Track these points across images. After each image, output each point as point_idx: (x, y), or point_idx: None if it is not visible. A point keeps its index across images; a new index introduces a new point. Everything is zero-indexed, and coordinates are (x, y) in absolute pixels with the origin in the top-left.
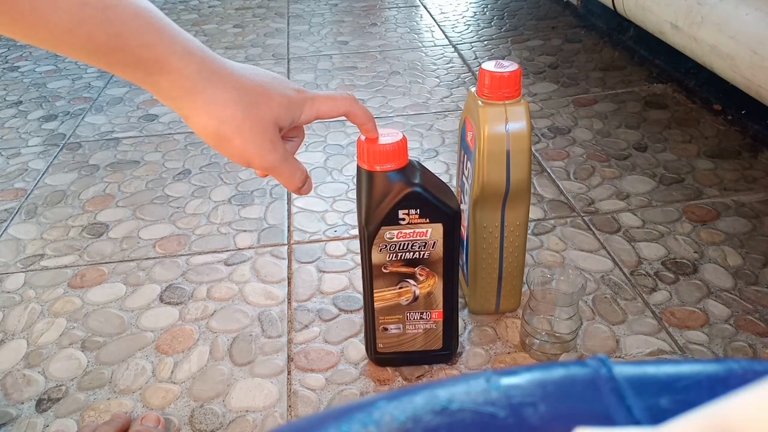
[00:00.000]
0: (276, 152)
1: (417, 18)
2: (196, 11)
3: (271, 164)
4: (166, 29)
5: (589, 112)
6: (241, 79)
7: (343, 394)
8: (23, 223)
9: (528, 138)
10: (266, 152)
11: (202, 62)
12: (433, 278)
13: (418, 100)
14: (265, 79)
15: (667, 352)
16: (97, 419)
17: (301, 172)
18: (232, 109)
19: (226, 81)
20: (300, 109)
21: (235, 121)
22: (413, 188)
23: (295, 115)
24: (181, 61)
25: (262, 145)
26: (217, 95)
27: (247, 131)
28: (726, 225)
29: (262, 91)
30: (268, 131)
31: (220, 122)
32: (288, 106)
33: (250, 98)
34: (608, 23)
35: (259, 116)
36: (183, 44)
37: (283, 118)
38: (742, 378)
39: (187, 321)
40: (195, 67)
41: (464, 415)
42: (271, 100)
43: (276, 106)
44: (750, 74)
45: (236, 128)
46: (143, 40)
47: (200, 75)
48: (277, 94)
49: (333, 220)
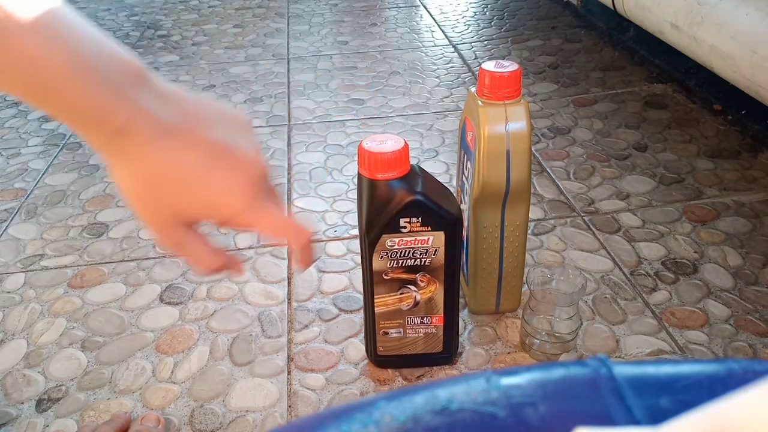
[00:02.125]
0: (169, 239)
1: (417, 18)
2: (196, 11)
3: (165, 246)
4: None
5: (589, 112)
6: (162, 161)
7: (343, 394)
8: (23, 223)
9: (528, 138)
10: (162, 233)
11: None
12: (434, 284)
13: (418, 100)
14: (200, 166)
15: (667, 352)
16: (97, 419)
17: (206, 261)
18: (131, 185)
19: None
20: (227, 217)
21: (133, 194)
22: (415, 197)
23: (217, 219)
24: (98, 126)
25: (156, 228)
26: (122, 167)
27: (140, 209)
28: (726, 225)
29: (178, 181)
30: (162, 219)
31: (122, 185)
32: (206, 209)
33: (155, 186)
34: (608, 23)
35: (154, 203)
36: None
37: (192, 215)
38: (742, 378)
39: (187, 321)
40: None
41: (464, 415)
42: (184, 195)
43: (185, 203)
44: (750, 74)
45: (135, 199)
46: (63, 97)
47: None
48: (201, 192)
49: (333, 220)
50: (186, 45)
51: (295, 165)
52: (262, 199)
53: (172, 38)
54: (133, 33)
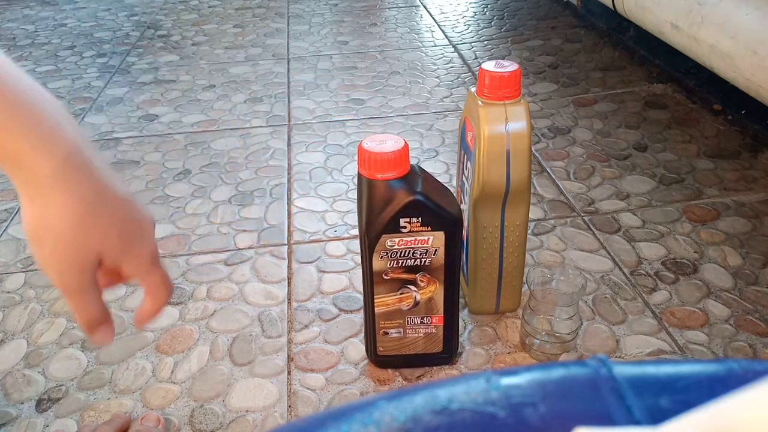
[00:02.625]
0: (78, 279)
1: (417, 18)
2: (196, 11)
3: (65, 287)
4: (32, 118)
5: (589, 112)
6: (97, 200)
7: (343, 394)
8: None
9: (528, 138)
10: (69, 274)
11: (62, 165)
12: (434, 284)
13: (418, 100)
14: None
15: (667, 352)
16: (97, 419)
17: (95, 310)
18: (63, 220)
19: (79, 194)
20: (134, 262)
21: (57, 232)
22: (415, 197)
23: (125, 263)
24: (39, 158)
25: (70, 267)
26: (58, 201)
27: (63, 246)
28: (726, 225)
29: (107, 222)
30: (85, 256)
31: (44, 226)
32: (122, 252)
33: (89, 221)
34: (608, 23)
35: (86, 241)
36: (47, 139)
37: (110, 255)
38: (742, 378)
39: (187, 321)
40: (50, 169)
41: (464, 415)
42: (110, 235)
43: (110, 243)
44: (750, 74)
45: (54, 239)
46: (1, 128)
47: (52, 177)
48: (121, 236)
49: (333, 220)
50: (186, 45)
51: (295, 165)
52: (158, 260)
53: (172, 38)
54: (133, 33)
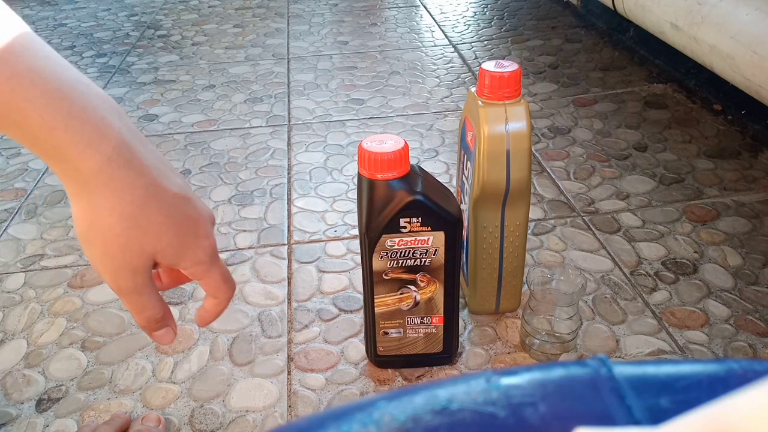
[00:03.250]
0: (131, 280)
1: (417, 18)
2: (196, 11)
3: (118, 289)
4: (78, 114)
5: (589, 112)
6: (148, 198)
7: (343, 394)
8: (23, 223)
9: (528, 138)
10: (121, 276)
11: (109, 162)
12: (434, 284)
13: (418, 100)
14: (176, 210)
15: (667, 352)
16: (97, 419)
17: (153, 310)
18: (114, 220)
19: (130, 191)
20: (191, 263)
21: (108, 232)
22: (415, 197)
23: (182, 263)
24: (83, 154)
25: (121, 267)
26: (105, 201)
27: (115, 247)
28: (726, 225)
29: (160, 222)
30: (138, 258)
31: (92, 225)
32: (178, 253)
33: (141, 220)
34: (608, 23)
35: (138, 241)
36: (92, 135)
37: (166, 257)
38: (742, 378)
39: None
40: (95, 165)
41: (464, 415)
42: (164, 235)
43: (165, 243)
44: (750, 74)
45: (104, 239)
46: (44, 122)
47: (99, 174)
48: (177, 235)
49: (333, 220)
50: (186, 45)
51: (295, 165)
52: (216, 255)
53: (172, 38)
54: (133, 33)
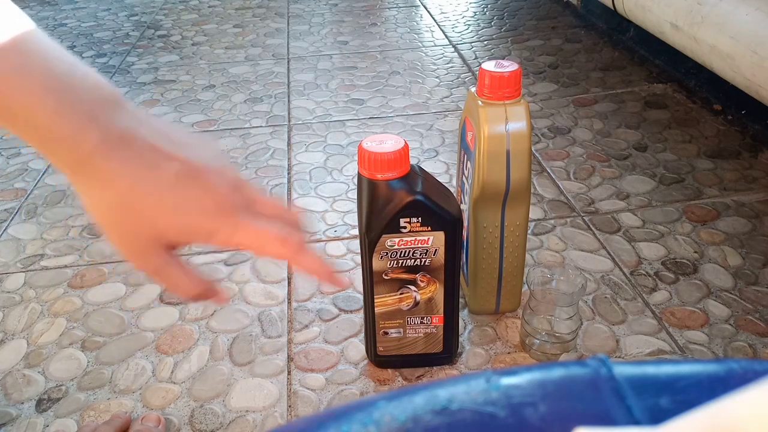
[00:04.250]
0: (146, 264)
1: (417, 18)
2: (196, 11)
3: (143, 271)
4: (67, 95)
5: (589, 112)
6: (136, 184)
7: (343, 394)
8: (23, 223)
9: (528, 138)
10: (136, 260)
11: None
12: (434, 284)
13: (418, 100)
14: (175, 189)
15: (667, 352)
16: (97, 419)
17: (188, 284)
18: (104, 210)
19: (115, 176)
20: (205, 237)
21: (106, 219)
22: (415, 197)
23: (196, 240)
24: (69, 147)
25: (133, 252)
26: (93, 191)
27: (117, 234)
28: (726, 225)
29: (152, 204)
30: (140, 242)
31: (94, 211)
32: (184, 231)
33: (132, 205)
34: (608, 23)
35: (132, 227)
36: (84, 116)
37: (171, 237)
38: (742, 378)
39: (187, 321)
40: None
41: (464, 415)
42: (161, 217)
43: (163, 225)
44: (750, 74)
45: (108, 225)
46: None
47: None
48: (175, 214)
49: (333, 220)
50: (186, 45)
51: (295, 165)
52: (240, 215)
53: (172, 38)
54: (133, 33)
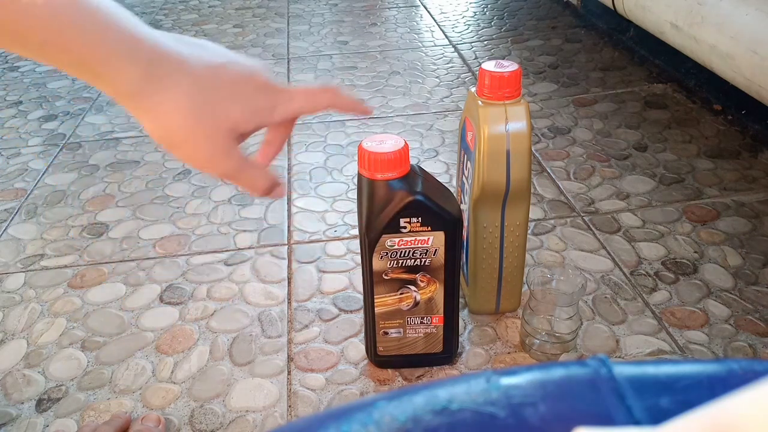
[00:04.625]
0: (230, 161)
1: (417, 18)
2: (196, 11)
3: (224, 173)
4: (111, 27)
5: (589, 112)
6: (198, 82)
7: (343, 394)
8: (23, 223)
9: (528, 138)
10: (218, 161)
11: (149, 64)
12: (434, 284)
13: (418, 100)
14: (228, 77)
15: (667, 352)
16: (97, 419)
17: (263, 179)
18: (180, 116)
19: (178, 85)
20: (270, 114)
21: (183, 129)
22: (415, 197)
23: (263, 120)
24: (125, 63)
25: (214, 154)
26: (163, 102)
27: (197, 140)
28: (726, 225)
29: (221, 96)
30: (222, 140)
31: (166, 130)
32: (253, 112)
33: (203, 105)
34: (608, 23)
35: (213, 124)
36: (129, 44)
37: (244, 124)
38: (742, 378)
39: (187, 321)
40: (140, 71)
41: (464, 415)
42: (231, 105)
43: (236, 112)
44: (750, 74)
45: (184, 137)
46: (85, 39)
47: (146, 79)
48: (241, 98)
49: (333, 220)
50: None
51: (295, 165)
52: (280, 83)
53: None
54: None
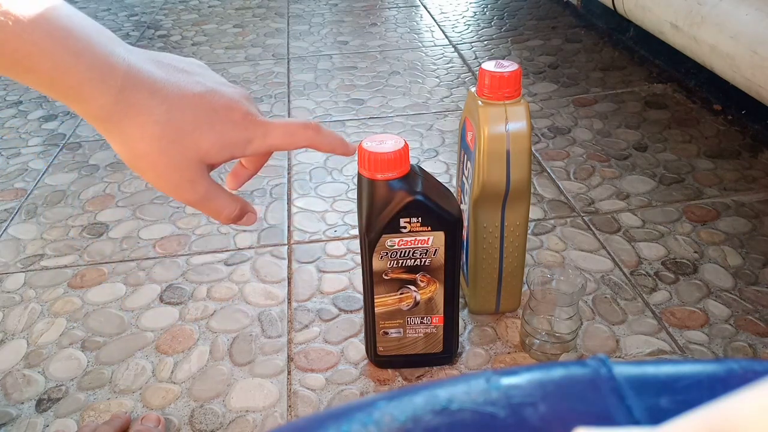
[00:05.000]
0: (194, 192)
1: (417, 18)
2: (196, 11)
3: (188, 202)
4: (83, 53)
5: (589, 112)
6: (170, 110)
7: (343, 394)
8: (23, 223)
9: (528, 138)
10: (182, 192)
11: (120, 91)
12: (434, 284)
13: (418, 100)
14: (204, 108)
15: (667, 352)
16: (97, 419)
17: (229, 209)
18: (146, 144)
19: (147, 113)
20: (243, 147)
21: (148, 157)
22: (415, 197)
23: (235, 153)
24: (95, 91)
25: (179, 185)
26: (131, 129)
27: (161, 169)
28: (726, 225)
29: (192, 127)
30: (188, 170)
31: (132, 155)
32: (225, 145)
33: (171, 134)
34: (608, 23)
35: (179, 154)
36: (101, 70)
37: (215, 155)
38: (742, 378)
39: (187, 321)
40: (111, 98)
41: (464, 415)
42: (202, 137)
43: (207, 144)
44: (750, 74)
45: (149, 165)
46: (55, 64)
47: (116, 106)
48: (214, 130)
49: (333, 220)
50: (186, 45)
51: (295, 165)
52: (262, 115)
53: (172, 38)
54: (133, 33)
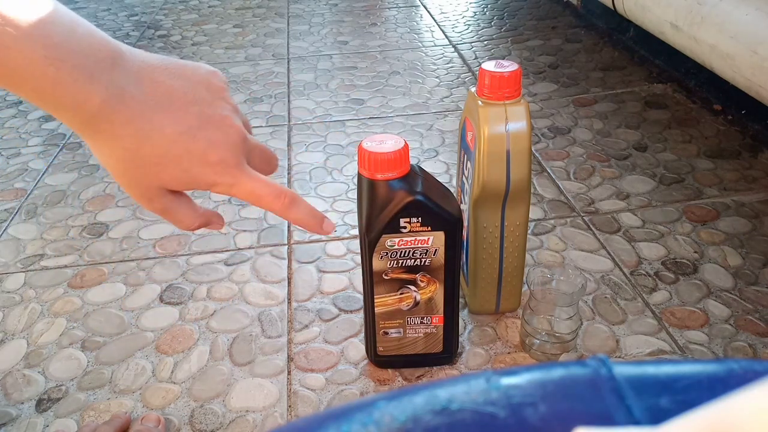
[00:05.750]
0: (152, 207)
1: (417, 18)
2: (196, 11)
3: (151, 211)
4: (61, 79)
5: (589, 112)
6: (139, 144)
7: (343, 394)
8: (23, 223)
9: (528, 138)
10: (142, 204)
11: (93, 117)
12: (434, 284)
13: (418, 100)
14: (177, 149)
15: (667, 352)
16: (97, 419)
17: (190, 219)
18: (113, 162)
19: (119, 140)
20: (207, 186)
21: (114, 172)
22: (415, 197)
23: (199, 187)
24: (69, 114)
25: (139, 199)
26: (101, 146)
27: (124, 184)
28: (726, 225)
29: (156, 161)
30: (147, 191)
31: (104, 164)
32: (187, 183)
33: (137, 161)
34: (608, 23)
35: (140, 177)
36: (78, 97)
37: (175, 186)
38: (742, 378)
39: (187, 321)
40: (84, 120)
41: (464, 415)
42: (164, 171)
43: (167, 177)
44: (750, 74)
45: (115, 176)
46: (36, 85)
47: (88, 127)
48: (179, 168)
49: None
50: (186, 45)
51: (295, 165)
52: (239, 167)
53: (172, 38)
54: (133, 33)
